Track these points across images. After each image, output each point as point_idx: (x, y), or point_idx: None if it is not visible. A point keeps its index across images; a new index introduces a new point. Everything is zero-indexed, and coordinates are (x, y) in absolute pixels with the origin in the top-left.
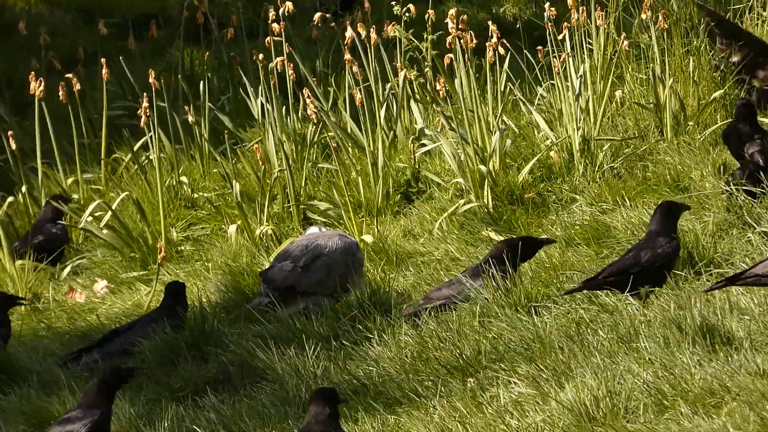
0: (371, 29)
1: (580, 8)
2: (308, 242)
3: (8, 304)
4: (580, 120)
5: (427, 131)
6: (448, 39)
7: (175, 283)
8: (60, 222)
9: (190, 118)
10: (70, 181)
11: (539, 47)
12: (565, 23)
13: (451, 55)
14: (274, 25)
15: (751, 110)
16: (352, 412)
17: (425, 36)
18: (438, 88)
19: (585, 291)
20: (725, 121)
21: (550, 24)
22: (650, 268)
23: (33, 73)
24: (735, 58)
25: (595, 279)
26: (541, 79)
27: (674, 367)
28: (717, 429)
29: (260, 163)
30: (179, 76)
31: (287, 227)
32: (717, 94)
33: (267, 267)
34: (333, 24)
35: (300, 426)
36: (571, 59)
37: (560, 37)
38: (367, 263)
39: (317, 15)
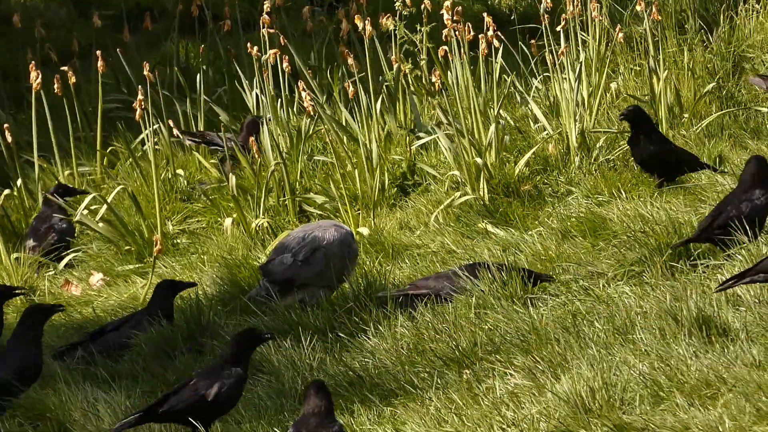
0: (366, 21)
1: (575, 0)
2: (305, 234)
3: (5, 296)
4: (577, 112)
5: (422, 124)
6: (444, 31)
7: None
8: (63, 215)
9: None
10: (66, 174)
11: (533, 41)
12: (563, 15)
13: (446, 47)
14: (266, 16)
15: None
16: (348, 404)
17: (420, 28)
18: (434, 80)
19: (692, 243)
20: (720, 113)
21: (546, 16)
22: (751, 220)
23: (33, 63)
24: None
25: (708, 229)
26: (536, 71)
27: (670, 358)
28: (713, 420)
29: (256, 155)
30: (174, 68)
31: (283, 220)
32: (710, 86)
33: (266, 260)
34: (322, 18)
35: (295, 418)
36: (566, 52)
37: (558, 28)
38: (363, 256)
39: (306, 8)
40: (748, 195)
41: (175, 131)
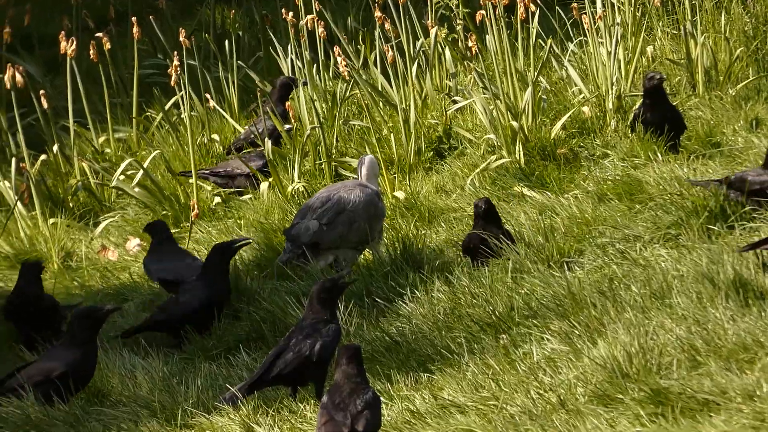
0: None
1: None
2: (329, 194)
3: (38, 270)
4: (614, 75)
5: (458, 88)
6: None
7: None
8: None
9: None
10: (101, 139)
11: (574, 5)
12: None
13: (482, 12)
14: None
15: None
16: (384, 369)
17: None
18: (470, 44)
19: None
20: (756, 76)
21: None
22: None
23: (63, 32)
24: None
25: None
26: (572, 35)
27: (707, 322)
28: (750, 384)
29: (292, 120)
30: (209, 35)
31: (319, 184)
32: (739, 51)
33: (291, 224)
34: None
35: (330, 383)
36: (603, 15)
37: None
38: (399, 219)
39: None
40: None
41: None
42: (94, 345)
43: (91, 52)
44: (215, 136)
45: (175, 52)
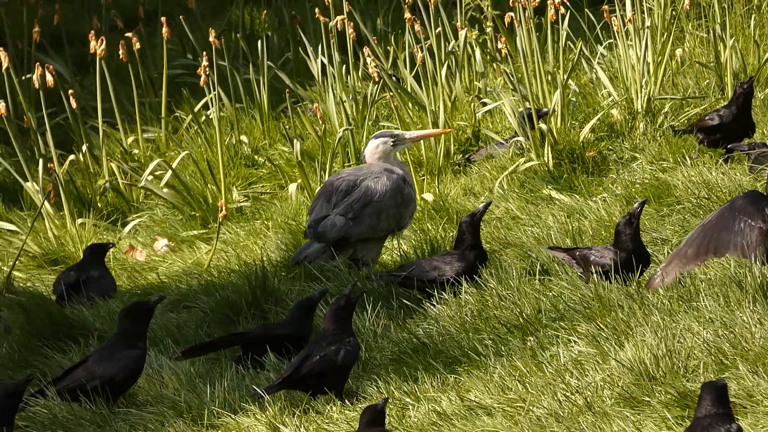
0: None
1: None
2: (356, 181)
3: (103, 251)
4: (643, 79)
5: (488, 90)
6: None
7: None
8: None
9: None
10: (130, 140)
11: (604, 7)
12: None
13: (511, 14)
14: None
15: None
16: (411, 371)
17: None
18: (499, 46)
19: None
20: None
21: None
22: None
23: (92, 32)
24: None
25: None
26: (601, 37)
27: (734, 325)
28: None
29: (320, 121)
30: (239, 34)
31: None
32: None
33: (313, 217)
34: None
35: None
36: (633, 19)
37: None
38: (427, 222)
39: None
40: None
41: None
42: (145, 341)
43: (121, 51)
44: (244, 138)
45: (205, 53)
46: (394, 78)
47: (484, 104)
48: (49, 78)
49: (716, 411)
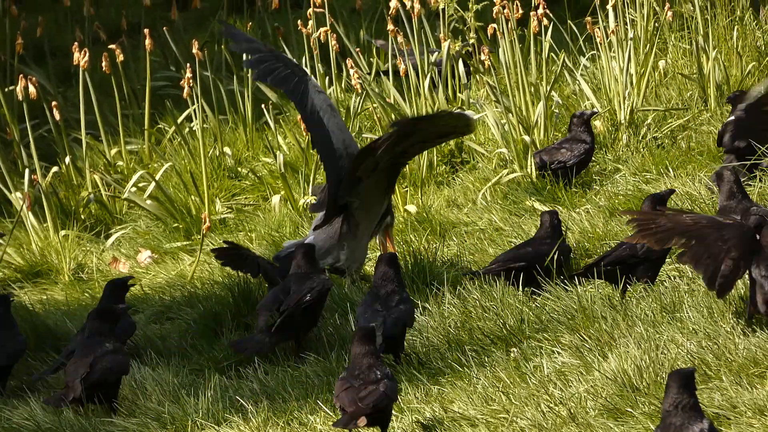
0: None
1: None
2: None
3: (124, 288)
4: (626, 90)
5: (471, 101)
6: (495, 9)
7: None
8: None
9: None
10: (113, 151)
11: (588, 18)
12: None
13: (494, 26)
14: None
15: None
16: None
17: (469, 6)
18: (482, 58)
19: None
20: None
21: None
22: None
23: (75, 44)
24: None
25: None
26: (584, 49)
27: (718, 337)
28: (761, 399)
29: (304, 133)
30: (222, 46)
31: None
32: (751, 66)
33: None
34: None
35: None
36: (616, 30)
37: (608, 6)
38: (410, 234)
39: None
40: None
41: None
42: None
43: (104, 63)
44: (227, 149)
45: (188, 64)
46: (381, 74)
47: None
48: (32, 90)
49: (682, 400)
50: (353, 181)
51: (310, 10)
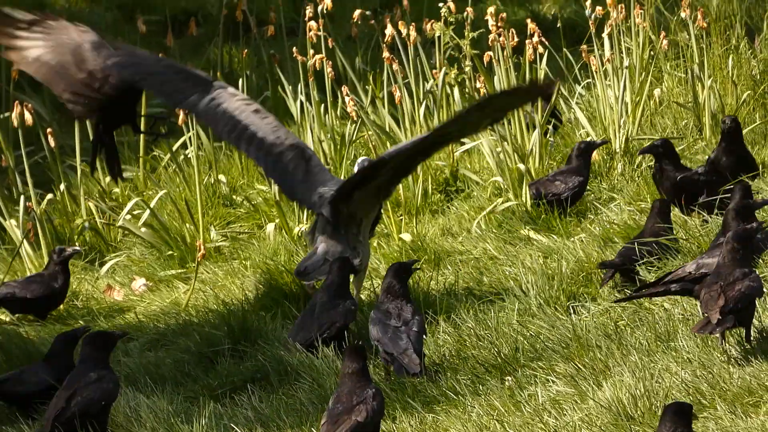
0: (411, 27)
1: (620, 6)
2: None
3: (75, 342)
4: (621, 119)
5: None
6: (490, 37)
7: None
8: None
9: None
10: (108, 179)
11: (583, 47)
12: (609, 22)
13: (490, 53)
14: (312, 23)
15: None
16: (389, 410)
17: (465, 34)
18: (478, 86)
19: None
20: (763, 121)
21: (593, 22)
22: None
23: None
24: None
25: None
26: (579, 77)
27: (712, 366)
28: (755, 428)
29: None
30: (218, 73)
31: None
32: (745, 95)
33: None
34: (372, 21)
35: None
36: (611, 59)
37: (604, 35)
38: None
39: (357, 12)
40: None
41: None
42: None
43: None
44: (222, 177)
45: None
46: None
47: (462, 143)
48: (27, 117)
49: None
50: (353, 190)
51: (310, 34)
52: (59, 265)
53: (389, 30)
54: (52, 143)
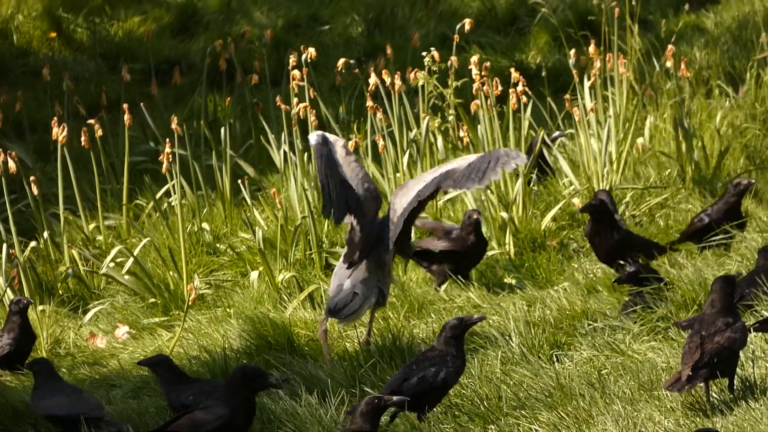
0: (395, 76)
1: (605, 55)
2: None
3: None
4: (605, 168)
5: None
6: (474, 86)
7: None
8: None
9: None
10: (91, 226)
11: (567, 96)
12: (593, 71)
13: (476, 102)
14: (296, 72)
15: None
16: None
17: (449, 82)
18: (461, 135)
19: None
20: (746, 170)
21: (575, 71)
22: None
23: (55, 118)
24: None
25: None
26: (562, 126)
27: (696, 415)
28: None
29: (279, 206)
30: (202, 122)
31: (309, 273)
32: (728, 144)
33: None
34: (356, 70)
35: None
36: (594, 108)
37: (587, 85)
38: (389, 310)
39: (341, 61)
40: None
41: None
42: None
43: (83, 138)
44: (206, 225)
45: (167, 140)
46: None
47: (446, 192)
48: (11, 164)
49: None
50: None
51: (293, 83)
52: (17, 315)
53: (373, 79)
54: (36, 191)
